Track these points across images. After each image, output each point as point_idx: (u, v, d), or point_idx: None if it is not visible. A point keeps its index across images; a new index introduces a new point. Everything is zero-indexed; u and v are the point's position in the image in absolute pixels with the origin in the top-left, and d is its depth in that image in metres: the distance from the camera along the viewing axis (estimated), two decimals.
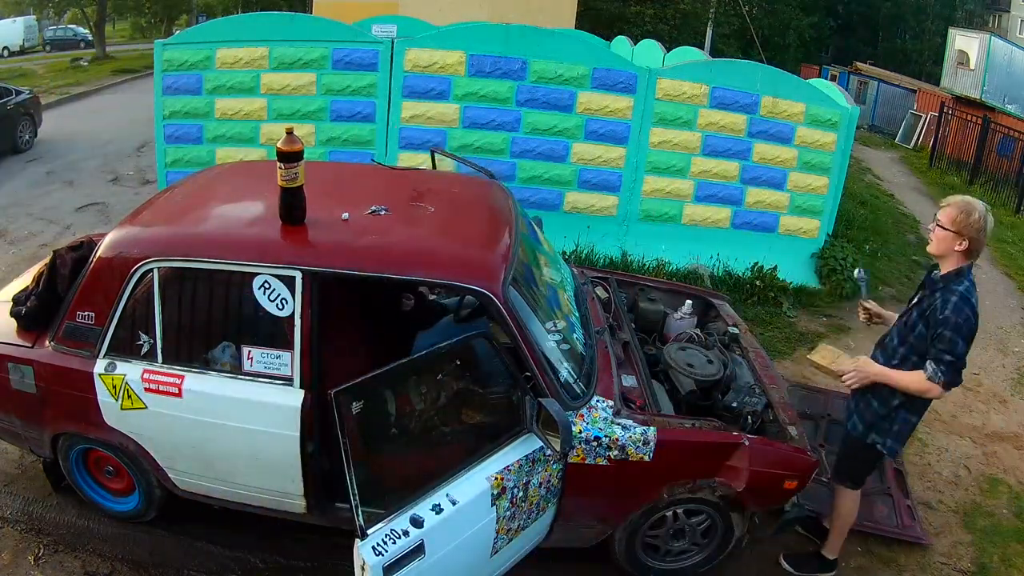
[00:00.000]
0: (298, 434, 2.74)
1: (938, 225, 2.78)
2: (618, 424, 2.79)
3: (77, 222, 7.31)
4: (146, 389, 2.84)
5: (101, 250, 2.93)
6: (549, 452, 2.63)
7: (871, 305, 3.24)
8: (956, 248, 2.75)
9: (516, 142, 6.24)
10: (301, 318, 2.71)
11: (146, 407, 2.86)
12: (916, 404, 2.93)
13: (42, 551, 3.17)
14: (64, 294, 3.07)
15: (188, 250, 2.80)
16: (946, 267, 2.81)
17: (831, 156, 6.51)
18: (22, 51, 25.95)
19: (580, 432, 2.73)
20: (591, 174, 6.36)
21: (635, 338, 3.52)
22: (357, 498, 2.18)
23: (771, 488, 2.93)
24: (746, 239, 6.55)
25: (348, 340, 3.35)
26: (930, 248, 2.85)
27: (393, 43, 6.06)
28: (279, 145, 2.70)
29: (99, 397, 2.90)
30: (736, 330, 3.89)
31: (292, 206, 2.81)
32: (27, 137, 10.46)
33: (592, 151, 6.30)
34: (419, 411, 2.85)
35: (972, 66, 14.95)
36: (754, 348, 3.81)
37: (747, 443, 2.89)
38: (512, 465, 2.60)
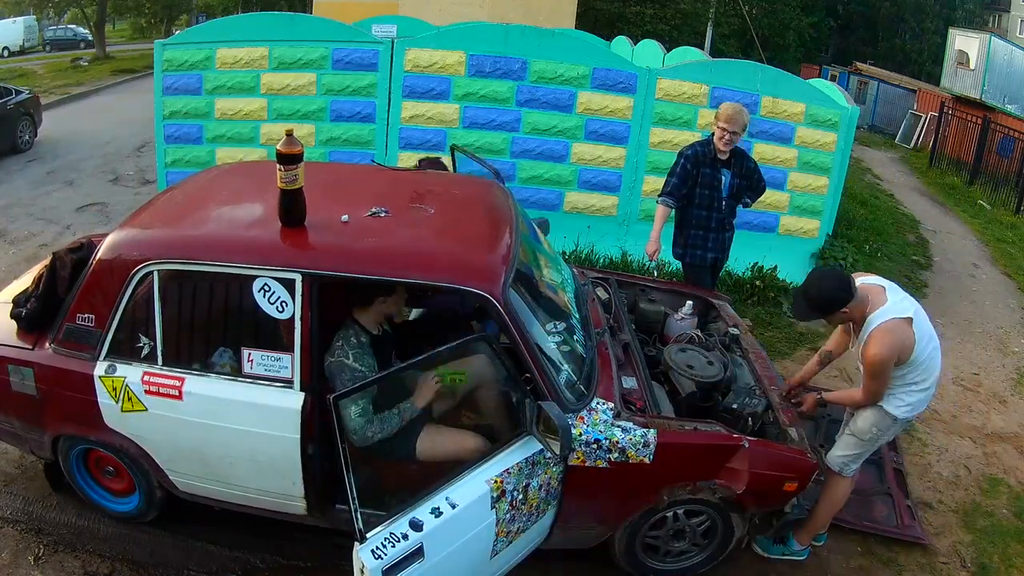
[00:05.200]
0: (298, 436, 2.74)
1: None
2: (618, 426, 2.79)
3: (77, 222, 7.31)
4: (146, 391, 2.84)
5: (101, 252, 2.93)
6: (549, 455, 2.63)
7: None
8: None
9: (516, 142, 6.24)
10: (301, 320, 2.71)
11: (146, 409, 2.86)
12: None
13: (42, 551, 3.17)
14: (64, 296, 3.07)
15: (188, 252, 2.80)
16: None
17: (831, 156, 6.50)
18: (22, 51, 25.94)
19: (580, 435, 2.73)
20: (591, 174, 6.36)
21: (635, 339, 3.52)
22: (356, 502, 2.19)
23: (771, 490, 2.93)
24: (746, 239, 6.53)
25: None
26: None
27: (393, 43, 6.05)
28: (279, 147, 2.69)
29: (99, 399, 2.90)
30: (736, 331, 3.89)
31: (292, 208, 2.81)
32: (27, 137, 10.46)
33: (592, 151, 6.30)
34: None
35: (972, 66, 14.94)
36: (754, 349, 3.81)
37: (747, 445, 2.89)
38: (512, 468, 2.60)
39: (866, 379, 3.03)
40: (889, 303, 2.98)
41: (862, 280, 3.10)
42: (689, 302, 4.02)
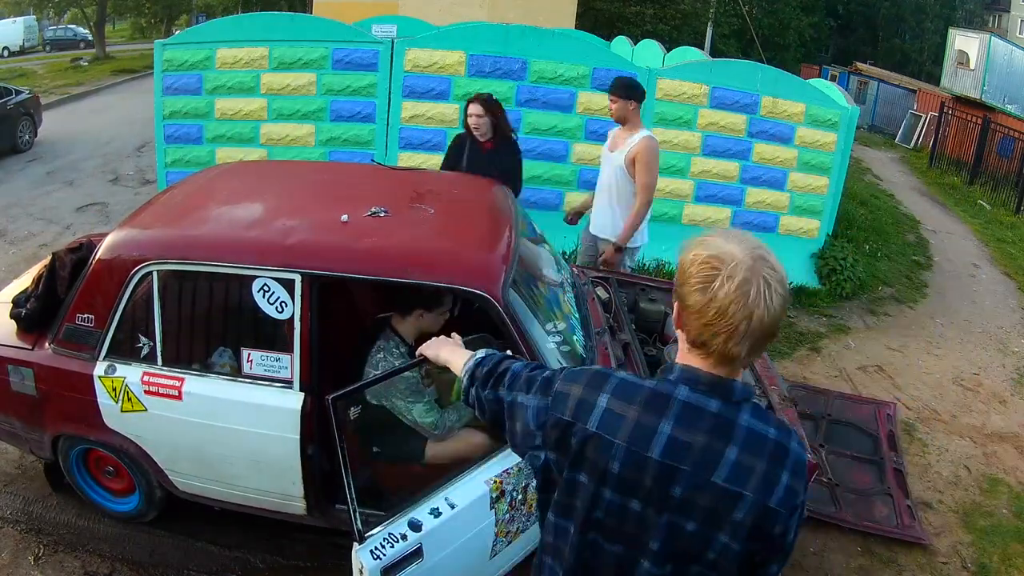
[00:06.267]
0: (298, 436, 2.74)
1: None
2: None
3: (77, 222, 7.31)
4: (146, 392, 2.83)
5: (100, 252, 2.93)
6: None
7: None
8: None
9: None
10: (301, 321, 2.71)
11: (146, 410, 2.86)
12: None
13: (42, 551, 3.17)
14: (63, 296, 3.07)
15: (187, 253, 2.80)
16: None
17: (831, 156, 6.51)
18: (22, 51, 25.97)
19: None
20: (591, 174, 6.33)
21: (635, 339, 3.52)
22: (355, 502, 2.18)
23: None
24: None
25: (349, 342, 3.34)
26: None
27: (393, 43, 6.05)
28: None
29: (99, 399, 2.90)
30: None
31: None
32: (27, 137, 10.47)
33: (592, 151, 6.29)
34: None
35: (972, 66, 14.95)
36: None
37: None
38: (511, 468, 2.59)
39: (641, 174, 4.15)
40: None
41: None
42: None
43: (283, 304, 2.71)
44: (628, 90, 4.24)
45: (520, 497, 2.63)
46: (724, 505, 1.33)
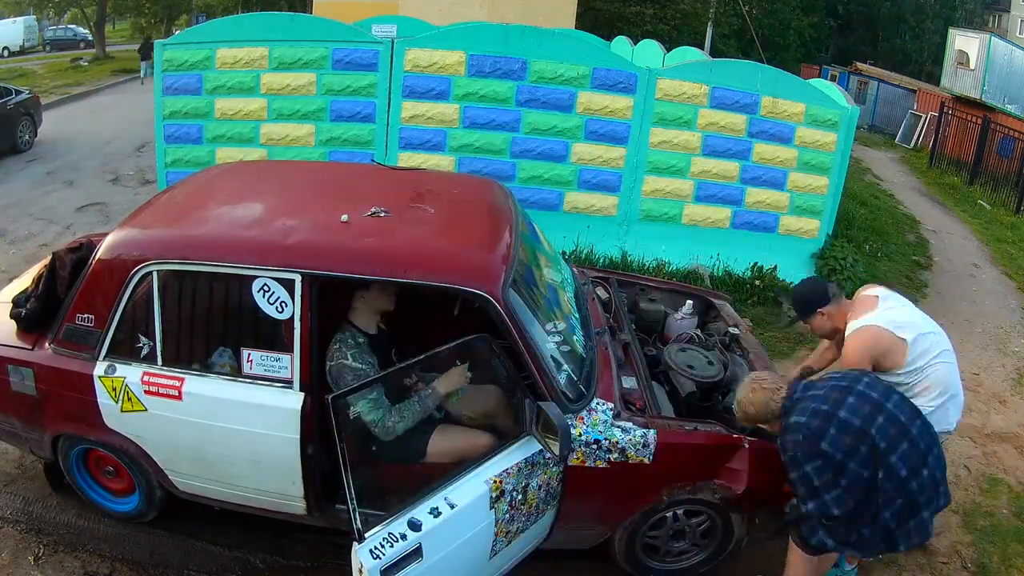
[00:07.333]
0: (298, 436, 2.74)
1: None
2: (618, 427, 2.79)
3: (77, 222, 7.31)
4: (146, 392, 2.84)
5: (100, 252, 2.93)
6: (548, 455, 2.63)
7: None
8: None
9: (516, 142, 6.23)
10: (301, 321, 2.71)
11: (146, 410, 2.86)
12: None
13: (42, 551, 3.17)
14: (63, 296, 3.07)
15: (187, 253, 2.80)
16: None
17: (831, 156, 6.50)
18: (22, 51, 25.96)
19: (580, 435, 2.73)
20: (591, 174, 6.36)
21: (635, 339, 3.52)
22: (355, 501, 2.19)
23: (771, 490, 2.93)
24: (746, 239, 6.54)
25: None
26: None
27: (393, 43, 6.05)
28: None
29: (99, 399, 2.90)
30: (737, 330, 3.88)
31: None
32: (27, 137, 10.47)
33: (592, 151, 6.30)
34: None
35: (972, 66, 14.93)
36: (754, 349, 3.81)
37: (747, 445, 2.89)
38: (511, 468, 2.60)
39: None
40: (875, 312, 2.94)
41: (866, 292, 3.12)
42: (689, 302, 4.02)
43: (283, 304, 2.71)
44: (802, 306, 3.26)
45: (520, 497, 2.63)
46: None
